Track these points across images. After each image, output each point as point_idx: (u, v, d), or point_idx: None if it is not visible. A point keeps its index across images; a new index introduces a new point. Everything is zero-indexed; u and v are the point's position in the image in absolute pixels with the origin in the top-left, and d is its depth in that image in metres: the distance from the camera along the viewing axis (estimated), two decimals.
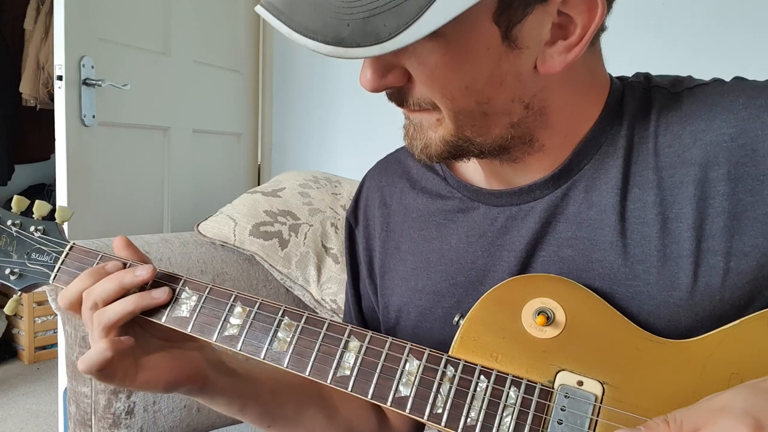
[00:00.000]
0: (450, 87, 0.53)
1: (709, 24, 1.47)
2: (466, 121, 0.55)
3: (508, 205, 0.63)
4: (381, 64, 0.53)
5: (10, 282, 0.71)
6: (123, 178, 1.92)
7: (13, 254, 0.71)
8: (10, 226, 0.72)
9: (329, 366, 0.58)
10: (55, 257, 0.70)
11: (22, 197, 0.72)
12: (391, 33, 0.45)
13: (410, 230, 0.70)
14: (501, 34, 0.50)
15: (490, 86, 0.53)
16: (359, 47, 0.46)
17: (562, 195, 0.60)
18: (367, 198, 0.77)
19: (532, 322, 0.55)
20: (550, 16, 0.50)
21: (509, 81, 0.53)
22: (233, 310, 0.63)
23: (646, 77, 0.63)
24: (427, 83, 0.53)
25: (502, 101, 0.54)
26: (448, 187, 0.68)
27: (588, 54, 0.57)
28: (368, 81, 0.54)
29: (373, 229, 0.75)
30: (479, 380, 0.54)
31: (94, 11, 1.74)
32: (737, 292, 0.54)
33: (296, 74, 2.42)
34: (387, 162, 0.78)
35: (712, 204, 0.54)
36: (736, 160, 0.54)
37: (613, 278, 0.57)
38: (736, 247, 0.53)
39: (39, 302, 2.80)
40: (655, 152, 0.58)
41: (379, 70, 0.53)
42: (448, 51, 0.50)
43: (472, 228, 0.65)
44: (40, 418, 2.34)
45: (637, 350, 0.53)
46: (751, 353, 0.50)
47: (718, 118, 0.56)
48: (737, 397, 0.43)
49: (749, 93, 0.56)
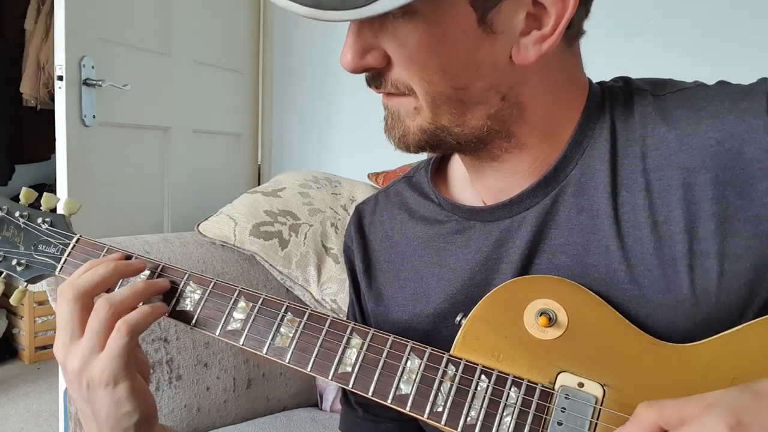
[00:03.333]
0: (428, 69, 0.54)
1: (709, 24, 1.47)
2: (443, 107, 0.56)
3: (501, 219, 0.63)
4: (361, 45, 0.55)
5: (17, 273, 0.71)
6: (123, 178, 1.93)
7: (20, 245, 0.71)
8: (18, 218, 0.72)
9: (331, 362, 0.58)
10: (62, 249, 0.70)
11: (31, 189, 0.73)
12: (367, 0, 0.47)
13: (411, 258, 0.70)
14: (477, 18, 0.52)
15: (466, 71, 0.54)
16: (336, 10, 0.48)
17: (551, 202, 0.60)
18: (369, 231, 0.77)
19: (534, 322, 0.55)
20: (524, 5, 0.52)
21: (485, 68, 0.54)
22: (237, 305, 0.63)
23: (625, 81, 0.64)
24: (405, 64, 0.54)
25: (478, 89, 0.55)
26: (443, 211, 0.69)
27: (565, 56, 0.58)
28: (348, 61, 0.55)
29: (375, 259, 0.75)
30: (480, 380, 0.54)
31: (95, 11, 1.74)
32: (733, 294, 0.54)
33: (296, 74, 2.42)
34: (386, 194, 0.78)
35: (702, 208, 0.54)
36: (724, 164, 0.54)
37: (609, 282, 0.57)
38: (729, 249, 0.53)
39: (39, 302, 2.80)
40: (643, 155, 0.58)
41: (359, 51, 0.55)
42: (426, 32, 0.52)
43: (469, 246, 0.65)
44: (41, 418, 2.34)
45: (638, 353, 0.53)
46: (753, 358, 0.50)
47: (704, 123, 0.56)
48: (726, 395, 0.43)
49: (733, 97, 0.56)
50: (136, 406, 0.61)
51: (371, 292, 0.74)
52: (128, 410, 0.61)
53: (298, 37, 2.40)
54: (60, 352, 0.62)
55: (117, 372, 0.59)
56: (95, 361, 0.60)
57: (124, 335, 0.59)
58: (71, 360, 0.61)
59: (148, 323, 0.61)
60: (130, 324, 0.60)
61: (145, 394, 0.62)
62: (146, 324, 0.61)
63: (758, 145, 0.53)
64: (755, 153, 0.53)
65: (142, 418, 0.62)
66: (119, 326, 0.60)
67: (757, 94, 0.56)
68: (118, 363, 0.59)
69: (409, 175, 0.77)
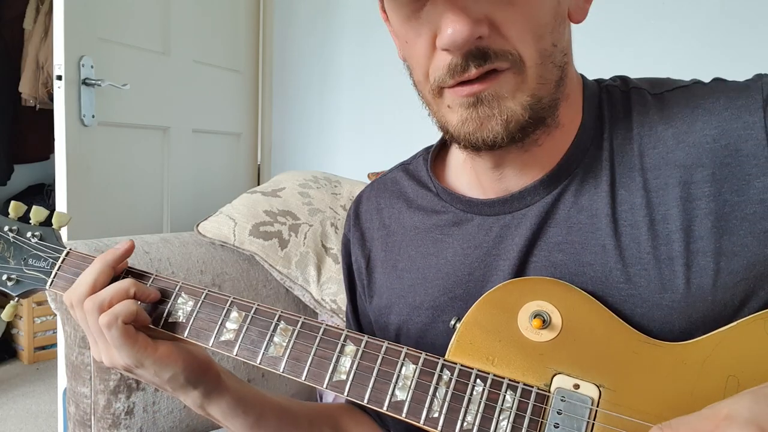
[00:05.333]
0: (536, 22, 0.53)
1: (709, 24, 1.47)
2: (546, 69, 0.55)
3: (502, 214, 0.63)
4: (475, 12, 0.51)
5: (8, 288, 0.70)
6: (123, 178, 1.92)
7: (10, 260, 0.71)
8: (7, 232, 0.72)
9: (325, 370, 0.58)
10: (52, 263, 0.70)
11: (19, 203, 0.73)
12: None
13: (408, 248, 0.70)
14: None
15: (556, 24, 0.54)
16: None
17: (553, 200, 0.60)
18: (365, 220, 0.77)
19: (528, 325, 0.55)
20: None
21: (562, 24, 0.55)
22: (229, 315, 0.63)
23: (623, 80, 0.64)
24: (519, 20, 0.52)
25: (561, 47, 0.56)
26: (441, 202, 0.68)
27: None
28: (461, 30, 0.50)
29: (372, 250, 0.75)
30: (475, 384, 0.54)
31: (94, 11, 1.74)
32: (729, 293, 0.54)
33: (296, 74, 2.42)
34: (383, 183, 0.78)
35: (699, 205, 0.55)
36: (720, 161, 0.54)
37: (605, 281, 0.57)
38: (725, 247, 0.54)
39: (38, 302, 2.80)
40: (640, 154, 0.58)
41: (474, 19, 0.51)
42: None
43: (468, 240, 0.65)
44: (40, 418, 2.34)
45: (633, 353, 0.53)
46: (749, 355, 0.50)
47: (700, 120, 0.56)
48: (741, 405, 0.42)
49: (729, 94, 0.56)
50: (174, 368, 0.62)
51: (372, 286, 0.74)
52: (170, 375, 0.63)
53: (298, 37, 2.39)
54: (94, 354, 0.64)
55: (133, 356, 0.61)
56: (113, 355, 0.62)
57: (115, 327, 0.60)
58: (102, 358, 0.63)
59: (132, 309, 0.61)
60: (115, 314, 0.60)
61: (177, 355, 0.63)
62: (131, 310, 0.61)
63: (754, 141, 0.53)
64: (751, 149, 0.54)
65: (189, 373, 0.63)
66: (106, 321, 0.60)
67: (753, 90, 0.56)
68: (127, 351, 0.61)
69: (407, 162, 0.77)
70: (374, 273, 0.74)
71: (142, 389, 1.15)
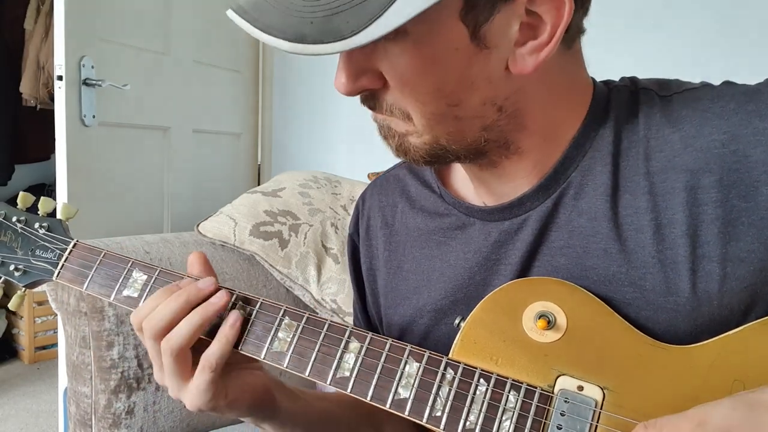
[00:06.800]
0: (421, 89, 0.53)
1: (709, 24, 1.47)
2: (438, 127, 0.55)
3: (501, 220, 0.63)
4: (354, 68, 0.53)
5: (15, 278, 0.71)
6: (123, 178, 1.92)
7: (17, 250, 0.71)
8: (15, 223, 0.72)
9: (329, 367, 0.58)
10: (59, 254, 0.70)
11: (28, 194, 0.73)
12: (353, 30, 0.46)
13: (412, 249, 0.70)
14: (469, 33, 0.50)
15: (461, 88, 0.53)
16: (321, 44, 0.47)
17: (552, 204, 0.60)
18: (368, 218, 0.77)
19: (533, 325, 0.55)
20: (518, 16, 0.50)
21: (480, 83, 0.53)
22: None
23: (632, 80, 0.63)
24: (399, 86, 0.53)
25: (473, 104, 0.54)
26: (444, 204, 0.68)
27: (565, 56, 0.56)
28: (342, 84, 0.54)
29: (377, 248, 0.75)
30: (479, 383, 0.54)
31: (94, 11, 1.74)
32: (735, 298, 0.53)
33: (296, 74, 2.42)
34: (386, 180, 0.78)
35: (705, 211, 0.54)
36: (729, 166, 0.53)
37: (609, 284, 0.56)
38: (731, 252, 0.53)
39: (39, 302, 2.80)
40: (646, 157, 0.57)
41: (353, 74, 0.53)
42: (417, 52, 0.50)
43: (469, 244, 0.65)
44: (40, 418, 2.34)
45: (638, 355, 0.52)
46: (754, 360, 0.50)
47: (709, 124, 0.55)
48: (717, 410, 0.43)
49: (739, 98, 0.55)
50: (244, 406, 0.62)
51: (377, 285, 0.74)
52: (241, 411, 0.63)
53: None
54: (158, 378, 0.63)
55: (207, 401, 0.59)
56: (184, 393, 0.60)
57: (208, 372, 0.58)
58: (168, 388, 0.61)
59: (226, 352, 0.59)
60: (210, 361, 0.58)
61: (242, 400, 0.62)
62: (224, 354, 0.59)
63: (764, 148, 0.52)
64: (761, 156, 0.53)
65: (258, 405, 0.64)
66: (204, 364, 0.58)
67: (764, 95, 0.55)
68: (205, 396, 0.59)
69: None
70: (378, 272, 0.74)
71: (142, 389, 1.15)
